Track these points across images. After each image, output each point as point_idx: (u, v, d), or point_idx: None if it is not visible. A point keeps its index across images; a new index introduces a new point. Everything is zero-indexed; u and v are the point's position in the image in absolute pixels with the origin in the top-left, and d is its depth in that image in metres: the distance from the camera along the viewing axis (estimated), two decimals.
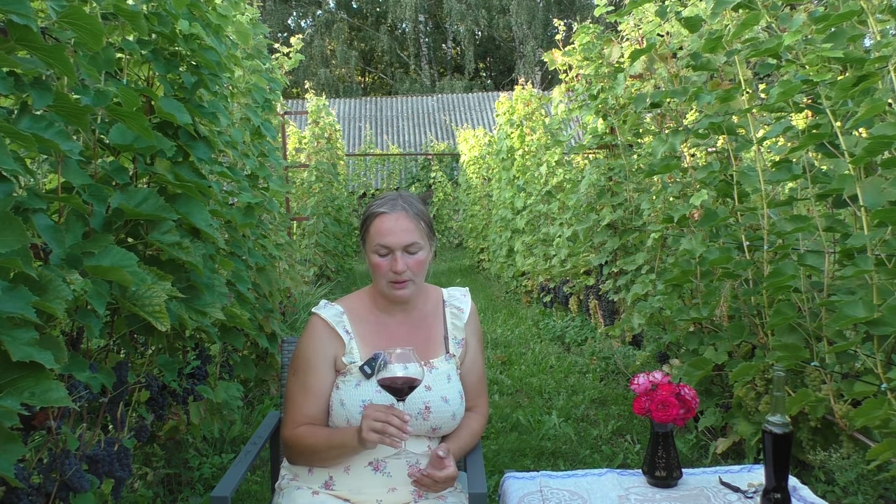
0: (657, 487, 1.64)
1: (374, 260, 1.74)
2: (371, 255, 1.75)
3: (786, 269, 2.33)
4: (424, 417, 1.72)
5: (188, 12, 2.23)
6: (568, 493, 1.62)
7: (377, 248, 1.73)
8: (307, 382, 1.74)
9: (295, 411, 1.74)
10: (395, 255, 1.72)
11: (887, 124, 1.94)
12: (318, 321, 1.79)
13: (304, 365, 1.76)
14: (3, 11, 1.31)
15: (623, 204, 4.45)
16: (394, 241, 1.72)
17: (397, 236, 1.72)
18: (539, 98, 7.62)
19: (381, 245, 1.73)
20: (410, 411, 1.64)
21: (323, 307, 1.81)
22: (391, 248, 1.72)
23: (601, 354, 5.24)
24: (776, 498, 1.45)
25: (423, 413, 1.72)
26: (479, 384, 1.90)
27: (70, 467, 1.61)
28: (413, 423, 1.65)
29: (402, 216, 1.73)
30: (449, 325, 1.87)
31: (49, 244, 1.52)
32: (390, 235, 1.72)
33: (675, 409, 1.61)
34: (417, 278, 1.76)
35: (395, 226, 1.72)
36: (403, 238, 1.72)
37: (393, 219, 1.73)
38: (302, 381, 1.75)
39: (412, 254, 1.73)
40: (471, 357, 1.89)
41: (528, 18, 31.60)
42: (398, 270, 1.72)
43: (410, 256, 1.73)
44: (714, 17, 2.55)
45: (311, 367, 1.75)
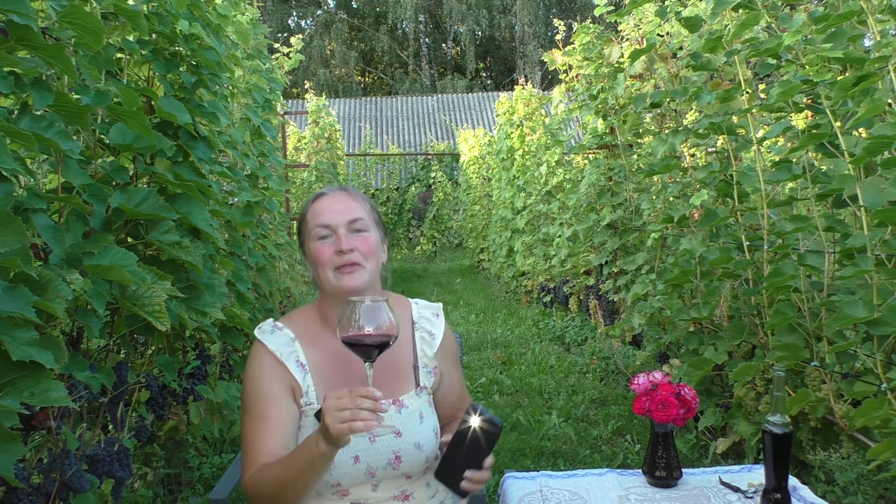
0: (657, 487, 1.64)
1: (315, 247, 1.47)
2: (310, 243, 1.48)
3: (786, 269, 2.33)
4: (395, 467, 1.48)
5: (188, 12, 2.23)
6: (568, 493, 1.62)
7: (317, 231, 1.47)
8: (264, 413, 1.45)
9: (254, 451, 1.43)
10: (339, 233, 1.46)
11: (887, 124, 1.94)
12: (264, 352, 1.49)
13: (255, 397, 1.47)
14: (4, 11, 1.31)
15: (623, 204, 4.45)
16: (335, 217, 1.47)
17: (338, 213, 1.48)
18: (539, 98, 7.62)
19: (321, 225, 1.47)
20: (378, 462, 1.45)
21: (269, 332, 1.52)
22: (333, 227, 1.47)
23: (601, 354, 5.24)
24: (776, 498, 1.45)
25: (392, 463, 1.47)
26: (460, 399, 1.68)
27: (70, 467, 1.61)
28: (381, 472, 1.46)
29: (342, 195, 1.51)
30: (419, 353, 1.59)
31: (49, 244, 1.52)
32: (330, 213, 1.48)
33: (675, 409, 1.61)
34: (368, 263, 1.47)
35: (334, 204, 1.49)
36: (346, 214, 1.48)
37: (332, 198, 1.51)
38: (258, 413, 1.46)
39: (358, 231, 1.48)
40: (447, 382, 1.65)
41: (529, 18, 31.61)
42: (343, 248, 1.44)
43: (357, 235, 1.47)
44: (714, 17, 2.55)
45: (266, 398, 1.46)
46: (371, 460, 1.44)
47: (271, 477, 1.37)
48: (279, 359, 1.48)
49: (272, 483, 1.36)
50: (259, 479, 1.38)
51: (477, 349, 6.10)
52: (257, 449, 1.42)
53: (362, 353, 1.28)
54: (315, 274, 1.51)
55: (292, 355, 1.49)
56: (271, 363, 1.48)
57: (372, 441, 1.46)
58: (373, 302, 1.26)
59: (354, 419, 1.20)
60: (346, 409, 1.21)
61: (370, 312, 1.26)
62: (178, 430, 2.63)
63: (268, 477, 1.37)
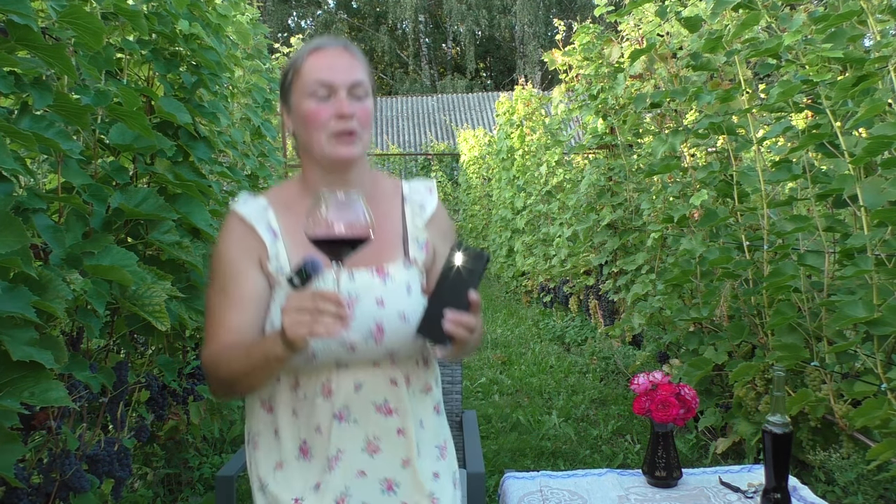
0: (657, 487, 1.64)
1: (309, 107, 1.30)
2: (304, 101, 1.31)
3: (786, 269, 2.33)
4: (377, 340, 1.31)
5: (188, 12, 2.23)
6: (568, 493, 1.62)
7: (315, 89, 1.30)
8: (226, 287, 1.33)
9: (215, 327, 1.33)
10: (340, 95, 1.29)
11: (887, 124, 1.94)
12: (235, 220, 1.37)
13: (222, 270, 1.35)
14: (4, 11, 1.31)
15: (623, 204, 4.45)
16: (337, 76, 1.29)
17: (341, 71, 1.30)
18: (539, 98, 7.62)
19: (321, 83, 1.29)
20: (357, 333, 1.29)
21: (242, 202, 1.39)
22: (334, 87, 1.29)
23: (601, 354, 5.24)
24: (776, 498, 1.45)
25: (374, 334, 1.31)
26: None
27: (70, 467, 1.61)
28: (361, 348, 1.31)
29: (345, 52, 1.34)
30: (409, 225, 1.44)
31: (49, 244, 1.52)
32: (332, 70, 1.30)
33: (675, 409, 1.61)
34: (365, 133, 1.34)
35: (337, 60, 1.32)
36: (349, 74, 1.30)
37: (333, 53, 1.33)
38: (220, 286, 1.34)
39: (359, 98, 1.32)
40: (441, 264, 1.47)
41: (529, 18, 31.61)
42: (345, 113, 1.28)
43: (357, 102, 1.31)
44: (714, 17, 2.55)
45: (232, 272, 1.34)
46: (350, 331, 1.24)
47: (227, 363, 1.27)
48: (248, 222, 1.35)
49: (227, 370, 1.27)
50: (216, 361, 1.29)
51: (477, 349, 6.10)
52: (218, 324, 1.32)
53: (331, 253, 1.14)
54: (303, 136, 1.33)
55: (263, 220, 1.36)
56: (240, 230, 1.36)
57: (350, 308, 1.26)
58: (346, 196, 1.11)
59: (315, 324, 1.08)
60: (306, 309, 1.09)
61: (342, 208, 1.11)
62: (178, 430, 2.63)
63: (224, 361, 1.28)
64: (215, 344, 1.31)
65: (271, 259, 1.34)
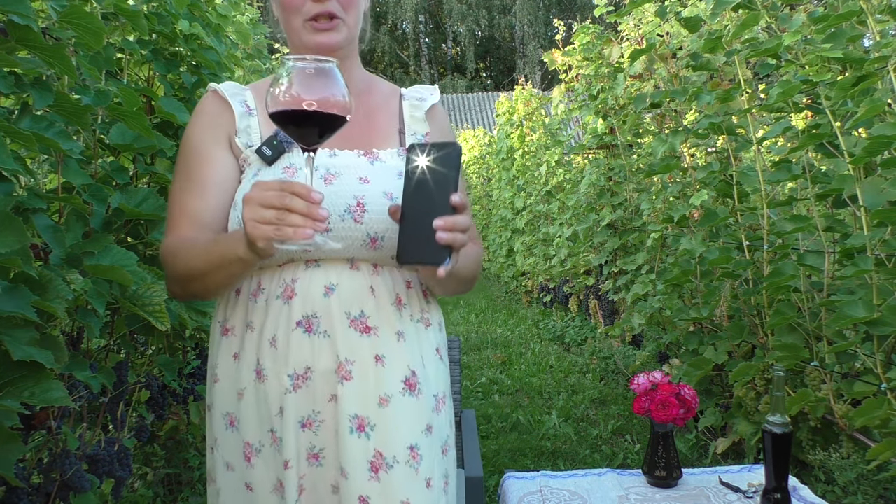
0: (657, 487, 1.64)
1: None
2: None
3: (786, 269, 2.33)
4: (356, 218, 1.12)
5: (188, 12, 2.23)
6: (568, 493, 1.62)
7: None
8: (191, 173, 1.20)
9: (176, 214, 1.19)
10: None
11: (887, 124, 1.94)
12: (210, 97, 1.25)
13: (187, 153, 1.22)
14: (4, 11, 1.31)
15: (623, 204, 4.45)
16: None
17: None
18: (539, 98, 7.62)
19: None
20: (334, 207, 1.11)
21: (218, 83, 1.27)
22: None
23: (601, 354, 5.24)
24: (776, 498, 1.45)
25: (352, 210, 1.12)
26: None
27: (70, 467, 1.61)
28: (338, 226, 1.11)
29: None
30: (406, 118, 1.30)
31: (49, 244, 1.52)
32: None
33: (675, 409, 1.61)
34: (349, 16, 1.18)
35: None
36: None
37: None
38: (185, 172, 1.21)
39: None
40: None
41: (529, 18, 31.62)
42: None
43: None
44: (714, 17, 2.55)
45: (198, 153, 1.21)
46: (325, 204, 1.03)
47: (185, 257, 1.13)
48: (222, 96, 1.22)
49: (185, 265, 1.12)
50: (174, 252, 1.15)
51: (477, 349, 6.10)
52: (179, 212, 1.18)
53: (298, 135, 0.93)
54: (283, 25, 1.22)
55: (238, 97, 1.23)
56: (212, 107, 1.23)
57: (327, 184, 1.14)
58: (317, 64, 0.91)
59: (280, 224, 0.90)
60: (270, 204, 0.90)
61: (313, 78, 0.91)
62: (178, 430, 2.63)
63: (182, 254, 1.13)
64: (175, 233, 1.17)
65: (240, 133, 1.20)
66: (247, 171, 1.19)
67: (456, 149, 1.02)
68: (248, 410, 1.15)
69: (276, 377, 1.12)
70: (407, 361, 1.16)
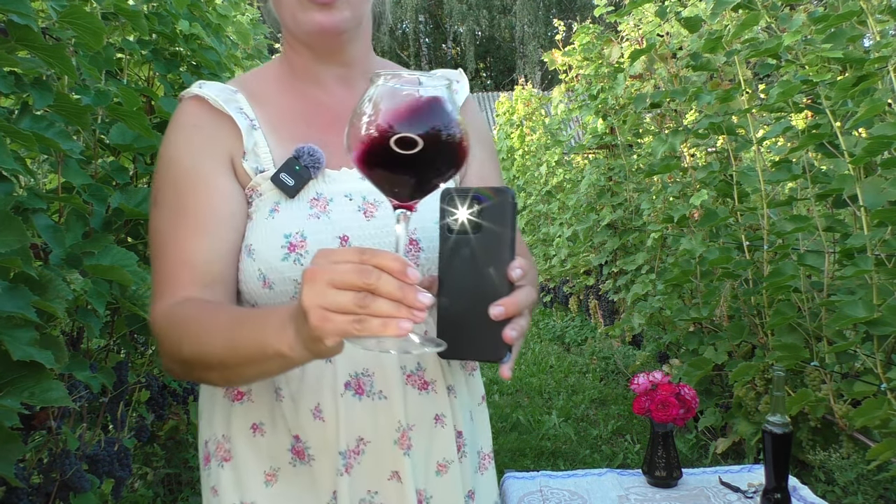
0: (657, 487, 1.64)
1: None
2: None
3: (786, 269, 2.33)
4: (408, 256, 0.89)
5: (188, 12, 2.23)
6: (568, 493, 1.62)
7: None
8: (185, 205, 0.90)
9: (170, 265, 0.89)
10: None
11: (887, 124, 1.94)
12: (193, 106, 0.96)
13: (174, 180, 0.92)
14: (4, 11, 1.31)
15: (623, 204, 4.45)
16: None
17: None
18: (539, 98, 7.62)
19: None
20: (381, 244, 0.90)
21: (198, 86, 0.98)
22: None
23: (601, 354, 5.24)
24: (776, 498, 1.45)
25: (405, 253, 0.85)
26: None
27: (70, 467, 1.61)
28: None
29: None
30: None
31: (49, 244, 1.52)
32: None
33: (675, 409, 1.61)
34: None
35: None
36: None
37: None
38: (173, 205, 0.91)
39: None
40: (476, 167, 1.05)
41: (529, 18, 31.63)
42: None
43: None
44: (714, 17, 2.55)
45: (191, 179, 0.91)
46: (368, 245, 0.88)
47: (193, 337, 0.81)
48: (213, 105, 0.94)
49: (194, 348, 0.81)
50: (176, 326, 0.84)
51: None
52: (174, 261, 0.88)
53: (390, 186, 0.66)
54: (274, 2, 0.99)
55: (233, 103, 0.95)
56: (200, 119, 0.94)
57: (368, 218, 0.91)
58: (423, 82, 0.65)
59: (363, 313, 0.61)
60: (349, 287, 0.61)
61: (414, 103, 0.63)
62: (178, 430, 2.63)
63: (190, 333, 0.82)
64: (173, 294, 0.87)
65: (248, 154, 0.93)
66: (258, 205, 0.91)
67: (508, 197, 0.74)
68: (284, 499, 0.92)
69: (326, 455, 0.89)
70: (458, 419, 0.98)
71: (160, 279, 0.92)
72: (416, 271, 0.63)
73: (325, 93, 0.99)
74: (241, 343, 0.76)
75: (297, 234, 0.89)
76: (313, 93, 0.99)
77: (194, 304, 0.86)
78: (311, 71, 0.98)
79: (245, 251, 0.91)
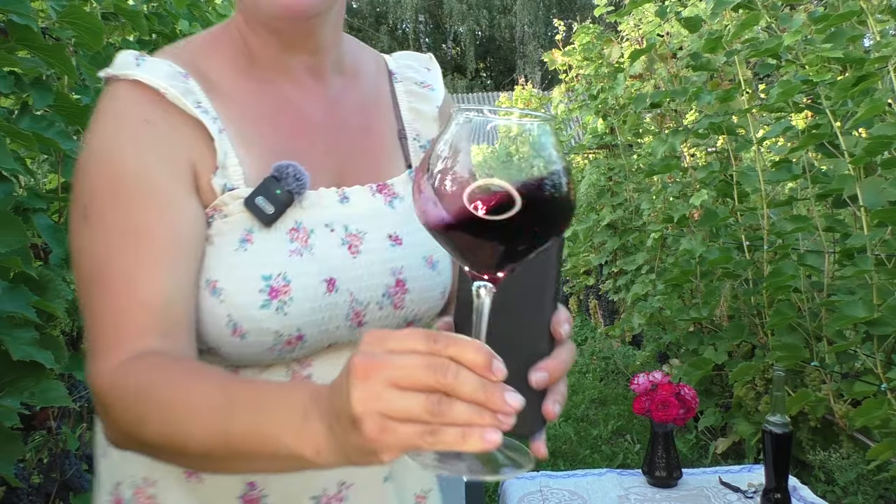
0: (657, 487, 1.64)
1: None
2: None
3: (786, 269, 2.33)
4: (396, 303, 0.80)
5: (188, 12, 2.23)
6: (568, 493, 1.62)
7: None
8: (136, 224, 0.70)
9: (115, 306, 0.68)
10: None
11: (887, 124, 1.94)
12: (134, 93, 0.75)
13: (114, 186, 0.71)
14: (4, 11, 1.31)
15: (623, 204, 4.45)
16: None
17: None
18: (539, 98, 7.62)
19: None
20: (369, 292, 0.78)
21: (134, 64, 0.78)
22: None
23: (601, 354, 5.24)
24: (776, 498, 1.46)
25: (391, 294, 0.79)
26: None
27: (70, 467, 1.61)
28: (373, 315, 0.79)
29: None
30: (404, 112, 0.90)
31: (49, 244, 1.52)
32: None
33: (675, 409, 1.61)
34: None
35: None
36: None
37: None
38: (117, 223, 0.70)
39: None
40: None
41: (529, 18, 31.65)
42: None
43: None
44: (714, 17, 2.55)
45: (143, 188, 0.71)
46: (356, 287, 0.77)
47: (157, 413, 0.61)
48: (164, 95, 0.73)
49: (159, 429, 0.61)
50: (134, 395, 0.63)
51: None
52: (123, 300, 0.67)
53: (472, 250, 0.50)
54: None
55: (189, 96, 0.75)
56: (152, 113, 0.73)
57: (354, 255, 0.78)
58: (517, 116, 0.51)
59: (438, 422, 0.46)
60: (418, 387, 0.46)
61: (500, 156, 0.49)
62: None
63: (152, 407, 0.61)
64: (122, 346, 0.66)
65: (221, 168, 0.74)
66: (221, 228, 0.73)
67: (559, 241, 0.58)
68: None
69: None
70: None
71: (103, 325, 0.68)
72: (502, 364, 0.47)
73: (293, 86, 0.81)
74: (237, 434, 0.56)
75: (278, 277, 0.73)
76: (278, 85, 0.80)
77: (156, 365, 0.65)
78: (276, 59, 0.79)
79: (207, 288, 0.72)
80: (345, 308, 0.76)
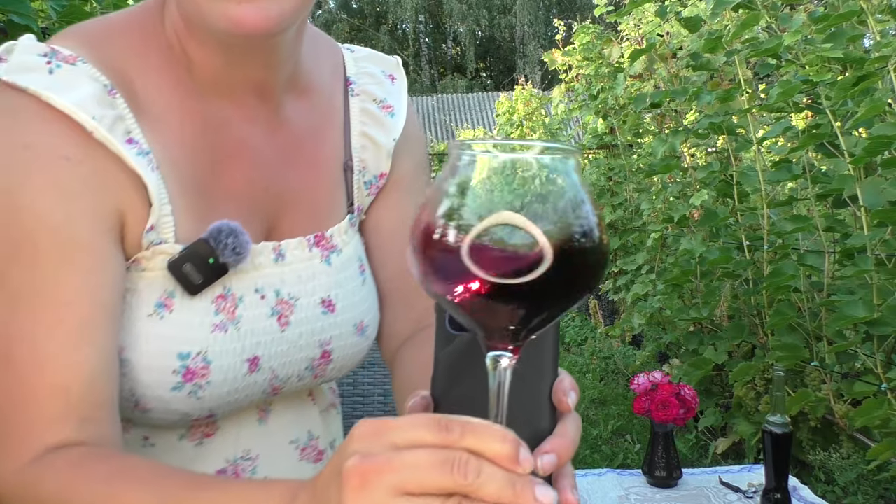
0: (657, 487, 1.64)
1: None
2: None
3: (786, 269, 2.33)
4: (317, 373, 0.75)
5: None
6: None
7: None
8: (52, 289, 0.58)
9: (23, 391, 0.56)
10: None
11: (887, 124, 1.94)
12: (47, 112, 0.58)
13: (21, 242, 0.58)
14: (4, 11, 1.31)
15: (623, 204, 4.45)
16: None
17: None
18: (539, 98, 7.63)
19: None
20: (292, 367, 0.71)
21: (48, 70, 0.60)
22: None
23: (601, 354, 5.24)
24: (776, 498, 1.46)
25: (314, 366, 0.74)
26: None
27: None
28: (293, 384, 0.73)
29: None
30: (354, 137, 0.78)
31: None
32: None
33: (675, 409, 1.61)
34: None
35: None
36: None
37: None
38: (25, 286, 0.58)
39: None
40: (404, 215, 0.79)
41: (529, 18, 31.66)
42: None
43: None
44: (714, 17, 2.55)
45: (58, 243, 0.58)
46: (279, 364, 0.70)
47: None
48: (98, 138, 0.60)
49: None
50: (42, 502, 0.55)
51: None
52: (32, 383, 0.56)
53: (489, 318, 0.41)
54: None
55: (120, 124, 0.62)
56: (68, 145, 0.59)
57: (283, 327, 0.70)
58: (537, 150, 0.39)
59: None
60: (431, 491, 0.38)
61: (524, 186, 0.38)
62: None
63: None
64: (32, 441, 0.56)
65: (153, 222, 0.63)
66: (137, 285, 0.63)
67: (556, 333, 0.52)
68: None
69: None
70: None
71: (7, 415, 0.56)
72: (529, 452, 0.39)
73: (235, 106, 0.68)
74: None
75: (198, 356, 0.63)
76: (219, 105, 0.68)
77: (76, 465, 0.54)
78: (219, 73, 0.67)
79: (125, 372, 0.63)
80: (264, 385, 0.70)
